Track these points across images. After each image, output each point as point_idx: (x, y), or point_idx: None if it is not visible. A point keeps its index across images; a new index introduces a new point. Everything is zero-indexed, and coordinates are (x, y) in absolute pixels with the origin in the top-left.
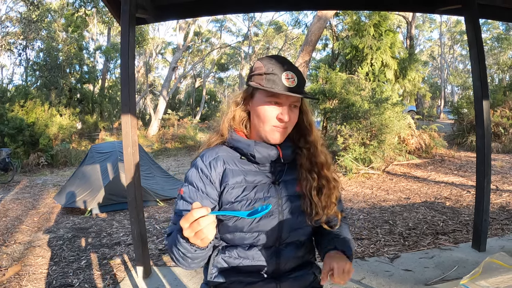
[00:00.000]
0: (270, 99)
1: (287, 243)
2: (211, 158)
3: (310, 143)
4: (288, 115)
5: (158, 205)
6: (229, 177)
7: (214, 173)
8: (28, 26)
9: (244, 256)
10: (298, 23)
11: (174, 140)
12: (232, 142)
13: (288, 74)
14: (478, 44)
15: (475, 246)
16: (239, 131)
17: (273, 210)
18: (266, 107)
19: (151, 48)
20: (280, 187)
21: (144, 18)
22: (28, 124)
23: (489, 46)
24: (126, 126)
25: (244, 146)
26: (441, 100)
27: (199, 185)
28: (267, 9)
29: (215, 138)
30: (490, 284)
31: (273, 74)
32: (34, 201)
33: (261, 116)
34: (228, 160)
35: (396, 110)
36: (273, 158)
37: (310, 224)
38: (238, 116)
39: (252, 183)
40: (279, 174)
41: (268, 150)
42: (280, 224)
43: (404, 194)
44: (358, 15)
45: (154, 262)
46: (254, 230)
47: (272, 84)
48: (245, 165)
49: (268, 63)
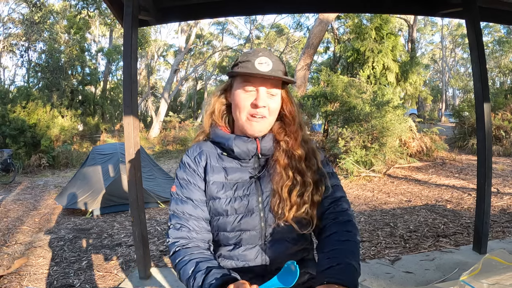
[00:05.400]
0: (244, 85)
1: (274, 240)
2: (196, 153)
3: (291, 134)
4: (263, 101)
5: (159, 207)
6: (210, 173)
7: (199, 167)
8: (30, 27)
9: (229, 256)
10: (299, 26)
11: (176, 142)
12: (214, 137)
13: (261, 59)
14: (479, 47)
15: (476, 248)
16: (222, 126)
17: (253, 207)
18: (241, 93)
19: (153, 50)
20: (261, 183)
21: (147, 20)
22: (30, 126)
23: (490, 49)
24: (128, 128)
25: (223, 141)
26: (442, 103)
27: (190, 178)
28: (269, 12)
29: (199, 134)
30: (489, 281)
31: (247, 61)
32: (35, 202)
33: (237, 104)
34: (210, 155)
35: (397, 113)
36: (253, 153)
37: (283, 224)
38: (217, 110)
39: (232, 180)
40: (260, 169)
41: (247, 144)
42: (262, 221)
43: (405, 196)
44: (360, 18)
45: (155, 263)
46: (237, 229)
47: (245, 70)
48: (226, 162)
49: (244, 54)
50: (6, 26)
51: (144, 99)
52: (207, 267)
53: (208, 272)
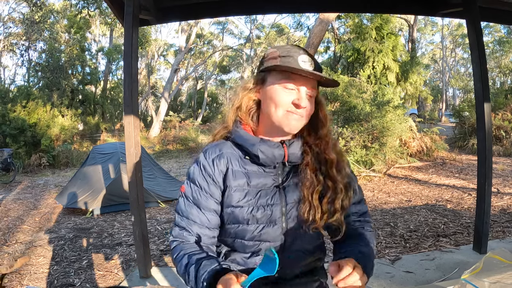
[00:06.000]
0: (285, 81)
1: (291, 251)
2: (214, 155)
3: (322, 138)
4: (305, 101)
5: (160, 206)
6: (231, 179)
7: (217, 171)
8: (31, 27)
9: (244, 263)
10: (300, 25)
11: (176, 142)
12: (236, 138)
13: (304, 57)
14: (479, 47)
15: (476, 248)
16: (246, 124)
17: (276, 218)
18: (281, 90)
19: (153, 50)
20: (285, 192)
21: (147, 19)
22: (30, 125)
23: (490, 49)
24: (129, 127)
25: (247, 146)
26: (442, 103)
27: (203, 184)
28: (269, 11)
29: (219, 130)
30: (491, 280)
31: (289, 57)
32: (35, 201)
33: (274, 100)
34: (231, 158)
35: (397, 113)
36: (279, 160)
37: (312, 231)
38: (245, 105)
39: (255, 187)
40: (285, 177)
41: (273, 149)
42: (284, 233)
43: (405, 196)
44: (360, 18)
45: (156, 263)
46: (256, 239)
47: (289, 65)
48: (248, 166)
49: (282, 48)
50: (6, 26)
51: (144, 98)
52: (197, 260)
53: (199, 265)
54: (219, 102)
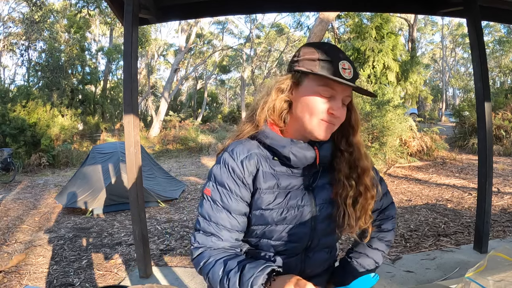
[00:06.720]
0: (323, 89)
1: (315, 251)
2: (243, 156)
3: (354, 145)
4: (341, 111)
5: (159, 206)
6: (261, 181)
7: (247, 173)
8: (31, 26)
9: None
10: (300, 25)
11: (176, 141)
12: (265, 139)
13: (345, 63)
14: (479, 46)
15: (476, 248)
16: (274, 124)
17: (305, 219)
18: (317, 97)
19: (153, 49)
20: (315, 193)
21: (147, 18)
22: (30, 125)
23: (490, 49)
24: (129, 126)
25: (278, 147)
26: (442, 103)
27: (232, 187)
28: (269, 10)
29: (249, 129)
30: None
31: (329, 62)
32: (35, 201)
33: (310, 107)
34: (261, 160)
35: (397, 113)
36: (310, 162)
37: (341, 235)
38: (278, 107)
39: (285, 188)
40: (314, 178)
41: (305, 152)
42: (312, 233)
43: (406, 196)
44: (360, 17)
45: (155, 262)
46: (283, 239)
47: (329, 72)
48: (277, 167)
49: (321, 49)
50: (6, 25)
51: (144, 98)
52: (238, 263)
53: (242, 268)
54: (219, 101)
